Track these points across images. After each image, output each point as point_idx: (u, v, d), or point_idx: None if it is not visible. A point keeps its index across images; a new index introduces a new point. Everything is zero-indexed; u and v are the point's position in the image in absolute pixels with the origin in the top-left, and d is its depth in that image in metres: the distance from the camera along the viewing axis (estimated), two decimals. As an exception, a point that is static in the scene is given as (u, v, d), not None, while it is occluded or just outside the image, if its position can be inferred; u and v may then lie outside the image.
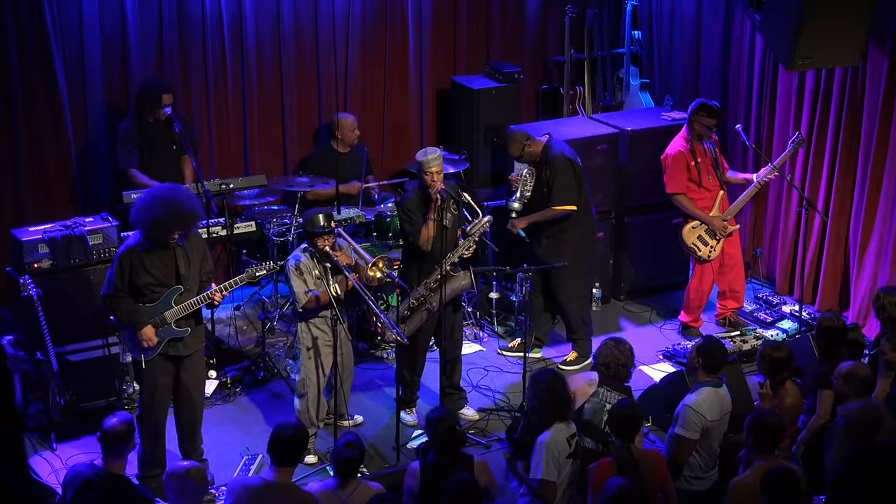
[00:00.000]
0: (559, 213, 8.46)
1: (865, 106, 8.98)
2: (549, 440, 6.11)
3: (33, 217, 8.74)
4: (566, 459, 6.15)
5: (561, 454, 6.11)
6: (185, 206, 6.83)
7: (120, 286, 6.85)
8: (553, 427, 6.17)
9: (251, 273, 7.21)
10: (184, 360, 7.05)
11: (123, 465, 5.95)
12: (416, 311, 7.82)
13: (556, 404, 6.22)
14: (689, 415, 6.51)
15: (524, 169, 8.60)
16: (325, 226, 7.29)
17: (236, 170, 9.80)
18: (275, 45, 9.87)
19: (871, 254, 9.07)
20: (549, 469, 6.06)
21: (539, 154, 8.50)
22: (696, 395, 6.60)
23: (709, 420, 6.51)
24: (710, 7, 10.35)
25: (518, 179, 8.57)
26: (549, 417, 6.21)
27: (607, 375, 6.74)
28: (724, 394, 6.67)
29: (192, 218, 6.89)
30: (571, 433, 6.25)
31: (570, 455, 6.18)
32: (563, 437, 6.17)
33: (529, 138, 8.51)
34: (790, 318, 9.27)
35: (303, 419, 7.54)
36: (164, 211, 6.72)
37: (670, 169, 8.96)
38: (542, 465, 6.06)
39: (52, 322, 7.49)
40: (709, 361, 6.69)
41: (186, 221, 6.84)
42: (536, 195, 8.54)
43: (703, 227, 9.03)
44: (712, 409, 6.54)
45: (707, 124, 8.83)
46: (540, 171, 8.52)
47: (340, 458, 5.91)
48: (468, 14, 10.77)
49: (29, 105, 8.91)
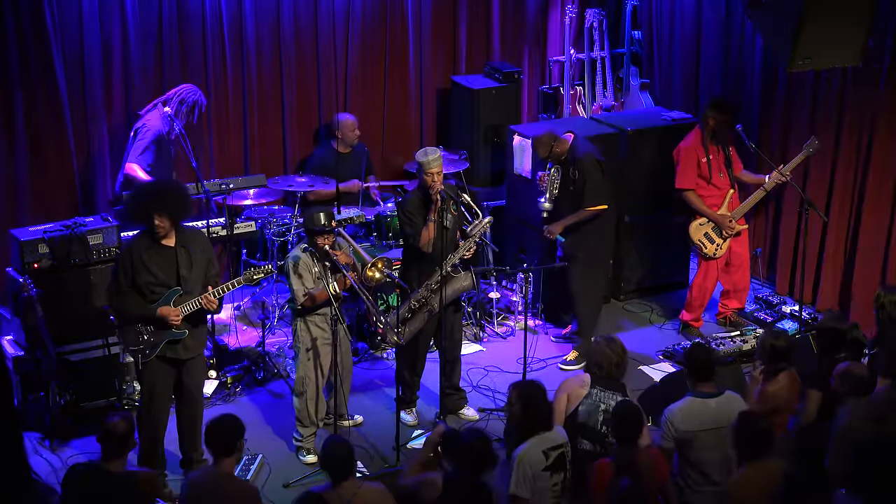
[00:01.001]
0: (592, 213, 8.51)
1: (865, 106, 8.98)
2: (522, 455, 6.03)
3: (33, 217, 8.74)
4: (542, 472, 6.04)
5: (535, 468, 6.02)
6: (171, 188, 7.01)
7: (123, 282, 6.87)
8: (529, 441, 6.08)
9: (248, 276, 7.21)
10: (185, 363, 7.06)
11: (123, 464, 5.96)
12: (418, 312, 7.82)
13: (530, 418, 6.11)
14: (663, 422, 6.47)
15: (551, 168, 8.63)
16: (325, 224, 7.29)
17: (236, 170, 9.80)
18: (275, 45, 9.88)
19: (871, 254, 9.07)
20: (520, 486, 5.99)
21: (566, 153, 8.53)
22: (676, 403, 6.52)
23: (680, 429, 6.37)
24: (710, 7, 10.35)
25: (547, 179, 8.60)
26: (525, 432, 6.12)
27: (600, 375, 6.61)
28: (716, 406, 6.45)
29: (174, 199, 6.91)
30: (552, 445, 6.11)
31: (548, 468, 6.06)
32: (538, 451, 6.05)
33: (556, 138, 8.55)
34: (790, 318, 9.27)
35: (302, 418, 7.55)
36: (148, 187, 6.94)
37: (681, 164, 8.97)
38: (513, 482, 6.01)
39: (52, 322, 7.49)
40: (692, 368, 6.60)
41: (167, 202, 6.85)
42: (562, 193, 8.58)
43: (709, 224, 9.03)
44: (687, 420, 6.40)
45: (720, 120, 8.83)
46: (566, 170, 8.54)
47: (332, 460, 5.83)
48: (468, 14, 10.77)
49: (29, 105, 8.91)
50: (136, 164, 8.78)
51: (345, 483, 5.75)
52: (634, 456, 6.03)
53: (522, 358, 8.07)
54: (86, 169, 9.27)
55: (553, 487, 6.10)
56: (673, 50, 10.84)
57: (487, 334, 9.26)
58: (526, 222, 9.36)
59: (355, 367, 8.60)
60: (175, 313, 6.87)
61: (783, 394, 6.71)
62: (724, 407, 6.44)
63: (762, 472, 5.89)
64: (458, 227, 7.89)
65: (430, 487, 5.84)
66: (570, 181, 8.53)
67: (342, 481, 5.75)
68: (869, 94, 8.95)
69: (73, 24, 8.97)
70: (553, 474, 6.08)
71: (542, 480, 6.05)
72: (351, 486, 5.77)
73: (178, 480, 7.22)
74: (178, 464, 7.31)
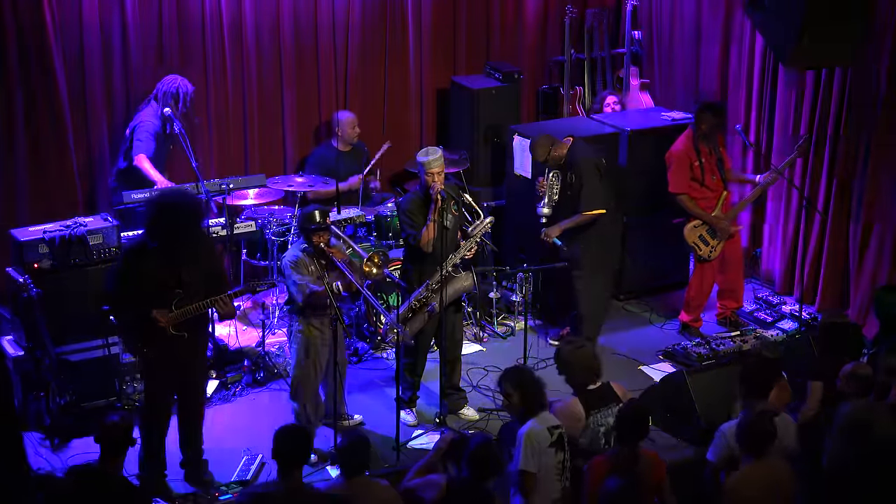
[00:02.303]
0: (589, 218, 8.50)
1: (865, 106, 8.98)
2: (528, 431, 6.08)
3: (33, 217, 8.74)
4: (548, 448, 6.10)
5: (542, 444, 6.07)
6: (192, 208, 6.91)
7: (122, 285, 6.86)
8: (532, 420, 6.13)
9: (251, 287, 7.21)
10: (187, 363, 7.05)
11: (121, 464, 5.95)
12: (418, 312, 7.82)
13: (530, 401, 6.17)
14: (717, 437, 6.32)
15: (549, 173, 8.62)
16: (320, 221, 7.29)
17: (236, 170, 9.80)
18: (275, 45, 9.88)
19: (871, 254, 9.07)
20: (528, 461, 6.03)
21: (564, 157, 8.52)
22: (734, 420, 6.31)
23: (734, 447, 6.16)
24: (710, 6, 10.36)
25: (545, 184, 8.58)
26: (525, 414, 6.18)
27: (576, 383, 6.64)
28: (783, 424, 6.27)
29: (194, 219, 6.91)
30: (553, 423, 6.19)
31: (553, 444, 6.12)
32: (543, 427, 6.12)
33: (554, 142, 8.54)
34: (790, 319, 9.28)
35: (300, 418, 7.55)
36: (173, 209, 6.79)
37: (673, 167, 8.99)
38: (521, 457, 6.04)
39: (52, 322, 7.49)
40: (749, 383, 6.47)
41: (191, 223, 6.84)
42: (562, 198, 8.57)
43: (704, 226, 9.04)
44: None
45: (712, 123, 8.85)
46: (564, 175, 8.53)
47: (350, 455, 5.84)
48: (468, 14, 10.77)
49: (29, 105, 8.91)
50: (143, 154, 8.79)
51: (357, 479, 5.79)
52: (634, 456, 6.05)
53: (522, 358, 8.08)
54: (86, 169, 9.26)
55: (557, 465, 6.15)
56: (673, 50, 10.84)
57: (487, 334, 9.26)
58: (523, 225, 9.34)
59: (355, 367, 8.63)
60: (165, 317, 6.82)
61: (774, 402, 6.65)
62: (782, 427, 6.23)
63: (764, 469, 5.94)
64: (459, 227, 7.89)
65: (433, 488, 5.87)
66: (568, 185, 8.53)
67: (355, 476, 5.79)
68: (869, 94, 8.94)
69: (73, 24, 8.97)
70: (557, 451, 6.13)
71: (547, 456, 6.10)
72: (362, 482, 5.81)
73: (178, 481, 7.24)
74: (178, 464, 7.30)
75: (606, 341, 9.00)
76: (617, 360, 8.72)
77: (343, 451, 5.89)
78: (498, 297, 9.40)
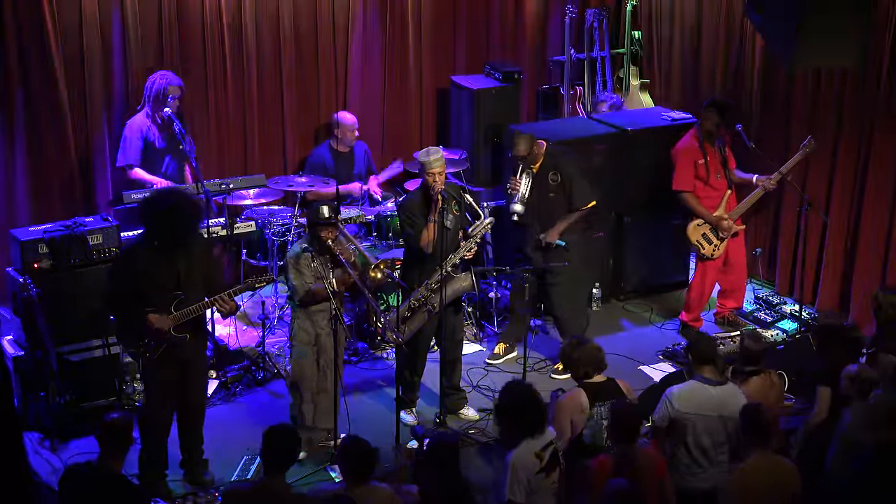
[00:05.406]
0: (585, 212, 8.56)
1: (865, 106, 8.98)
2: (514, 460, 6.04)
3: (33, 217, 8.74)
4: (537, 475, 6.05)
5: (529, 472, 6.03)
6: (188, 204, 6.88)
7: (121, 286, 6.86)
8: (521, 444, 6.08)
9: (250, 284, 7.20)
10: (187, 363, 7.05)
11: (121, 463, 5.93)
12: (418, 311, 7.82)
13: (520, 424, 6.12)
14: (662, 400, 6.57)
15: (521, 173, 8.59)
16: (329, 217, 7.29)
17: (236, 170, 9.80)
18: (275, 45, 9.88)
19: (871, 254, 9.07)
20: (514, 490, 6.01)
21: (541, 157, 8.51)
22: (678, 385, 6.63)
23: (677, 409, 6.42)
24: (710, 7, 10.36)
25: (517, 184, 8.57)
26: (515, 437, 6.13)
27: (579, 376, 6.72)
28: (717, 394, 6.48)
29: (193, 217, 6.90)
30: (543, 444, 6.11)
31: (542, 469, 6.06)
32: (529, 454, 6.06)
33: (535, 140, 8.55)
34: (790, 318, 9.28)
35: (297, 416, 7.54)
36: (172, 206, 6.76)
37: (678, 165, 8.98)
38: (507, 487, 6.03)
39: (52, 322, 7.48)
40: (693, 353, 6.68)
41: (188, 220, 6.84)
42: (547, 201, 8.53)
43: (707, 225, 9.04)
44: (684, 401, 6.45)
45: (716, 121, 8.85)
46: (545, 174, 8.51)
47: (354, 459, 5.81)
48: (468, 14, 10.78)
49: (29, 105, 8.91)
50: (128, 164, 8.83)
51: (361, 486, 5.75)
52: (633, 455, 6.05)
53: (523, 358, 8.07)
54: (86, 169, 9.26)
55: (552, 485, 6.12)
56: (673, 50, 10.84)
57: (487, 334, 9.26)
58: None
59: (355, 366, 8.62)
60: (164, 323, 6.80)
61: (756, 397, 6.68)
62: (725, 396, 6.49)
63: (767, 462, 5.99)
64: (459, 227, 7.89)
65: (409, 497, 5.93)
66: (551, 187, 8.50)
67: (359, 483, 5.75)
68: (868, 95, 8.95)
69: (73, 24, 8.97)
70: (549, 474, 6.09)
71: (538, 482, 6.07)
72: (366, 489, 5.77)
73: (179, 481, 7.24)
74: (178, 464, 7.30)
75: (606, 341, 8.97)
76: (617, 360, 8.72)
77: (349, 458, 5.84)
78: (498, 297, 9.40)
